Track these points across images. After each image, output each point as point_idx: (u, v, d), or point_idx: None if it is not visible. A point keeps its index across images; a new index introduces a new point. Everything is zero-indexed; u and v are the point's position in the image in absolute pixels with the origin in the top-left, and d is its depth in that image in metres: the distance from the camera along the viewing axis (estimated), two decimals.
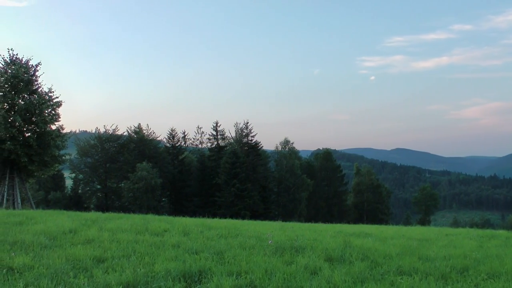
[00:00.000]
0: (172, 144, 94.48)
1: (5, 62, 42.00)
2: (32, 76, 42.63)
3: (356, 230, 21.59)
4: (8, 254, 10.91)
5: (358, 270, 10.08)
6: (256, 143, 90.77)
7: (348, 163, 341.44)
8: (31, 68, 42.88)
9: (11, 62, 42.00)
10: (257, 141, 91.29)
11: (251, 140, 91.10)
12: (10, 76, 41.00)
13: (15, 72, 41.08)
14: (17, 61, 42.28)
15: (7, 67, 41.77)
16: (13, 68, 41.40)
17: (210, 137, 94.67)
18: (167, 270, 9.51)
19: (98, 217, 21.57)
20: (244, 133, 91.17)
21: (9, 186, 42.39)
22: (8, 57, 42.33)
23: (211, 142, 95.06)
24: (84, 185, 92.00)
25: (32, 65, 43.13)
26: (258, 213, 75.26)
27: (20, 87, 41.36)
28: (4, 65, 41.91)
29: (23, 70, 41.52)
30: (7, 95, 40.87)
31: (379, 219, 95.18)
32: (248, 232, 17.06)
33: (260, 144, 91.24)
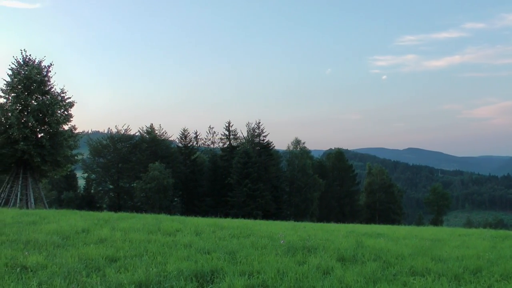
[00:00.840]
0: (184, 144, 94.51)
1: (18, 63, 42.22)
2: (45, 77, 42.82)
3: (368, 230, 21.54)
4: (22, 253, 10.99)
5: (370, 270, 10.05)
6: (268, 143, 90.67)
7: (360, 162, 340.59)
8: (44, 69, 43.08)
9: (24, 63, 42.24)
10: (269, 141, 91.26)
11: (263, 140, 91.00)
12: (23, 77, 41.22)
13: (28, 73, 41.29)
14: (30, 62, 42.50)
15: (20, 68, 41.99)
16: (26, 69, 41.62)
17: (222, 137, 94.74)
18: (179, 269, 9.53)
19: (111, 216, 21.66)
20: (256, 133, 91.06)
21: (22, 186, 42.60)
22: (21, 58, 42.56)
23: (223, 142, 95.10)
24: (96, 185, 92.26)
25: (45, 66, 43.36)
26: (270, 213, 75.15)
27: (33, 88, 41.57)
28: (17, 66, 42.13)
29: (36, 71, 41.71)
30: (20, 96, 41.10)
31: (392, 219, 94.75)
32: (260, 232, 17.06)
33: (272, 144, 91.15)
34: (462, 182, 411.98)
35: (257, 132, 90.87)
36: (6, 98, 41.93)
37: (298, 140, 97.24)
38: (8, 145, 40.52)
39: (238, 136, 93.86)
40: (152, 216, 23.91)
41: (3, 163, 42.05)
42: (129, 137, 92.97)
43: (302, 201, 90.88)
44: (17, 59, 42.47)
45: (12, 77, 41.73)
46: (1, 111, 40.81)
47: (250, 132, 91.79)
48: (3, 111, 40.77)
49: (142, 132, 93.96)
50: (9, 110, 40.53)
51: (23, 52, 42.86)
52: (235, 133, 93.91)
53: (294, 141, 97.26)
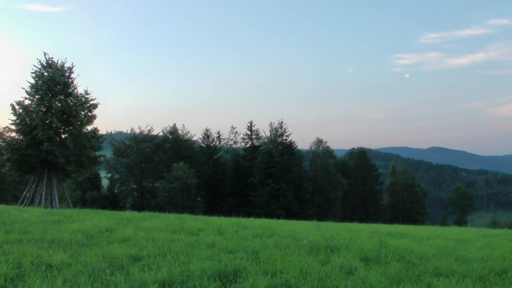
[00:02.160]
0: (207, 144, 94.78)
1: (42, 66, 42.61)
2: (68, 78, 43.16)
3: (392, 230, 21.41)
4: (47, 252, 11.07)
5: (394, 271, 9.97)
6: (291, 143, 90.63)
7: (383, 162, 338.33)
8: (67, 70, 43.42)
9: (47, 66, 42.61)
10: (292, 140, 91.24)
11: (285, 139, 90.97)
12: (47, 79, 41.59)
13: (51, 75, 41.66)
14: (53, 65, 42.88)
15: (44, 70, 42.38)
16: (49, 71, 41.99)
17: (245, 137, 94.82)
18: (202, 269, 9.53)
19: (134, 216, 21.80)
20: (278, 133, 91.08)
21: (47, 186, 42.96)
22: (44, 61, 42.96)
23: (245, 141, 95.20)
24: (120, 184, 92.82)
25: (68, 67, 43.68)
26: (293, 213, 75.08)
27: (56, 90, 41.94)
28: (41, 68, 42.53)
29: (59, 73, 42.06)
30: (44, 97, 41.47)
31: (415, 219, 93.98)
32: (283, 232, 17.05)
33: (294, 143, 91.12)
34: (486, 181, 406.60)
35: (280, 131, 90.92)
36: (30, 100, 42.35)
37: (320, 139, 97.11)
38: (33, 146, 40.94)
39: (260, 136, 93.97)
40: (175, 216, 24.00)
41: (28, 163, 42.48)
42: (152, 137, 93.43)
43: (325, 200, 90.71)
44: (41, 62, 42.89)
45: (36, 79, 42.12)
46: (26, 112, 41.22)
47: (272, 131, 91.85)
48: (28, 113, 41.17)
49: (165, 132, 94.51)
50: (34, 112, 40.91)
51: (47, 54, 43.31)
52: (257, 133, 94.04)
53: (316, 140, 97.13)
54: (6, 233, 13.88)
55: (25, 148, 41.09)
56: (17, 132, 42.14)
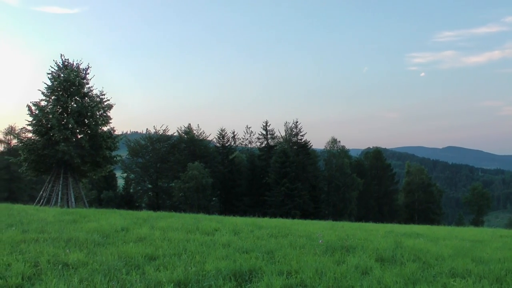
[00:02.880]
0: (222, 143, 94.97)
1: (58, 67, 42.88)
2: (83, 79, 43.40)
3: (407, 230, 21.33)
4: (63, 251, 11.17)
5: (409, 271, 9.92)
6: (306, 142, 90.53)
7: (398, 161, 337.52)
8: (82, 71, 43.66)
9: (63, 67, 42.87)
10: (307, 140, 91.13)
11: (300, 139, 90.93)
12: (63, 80, 41.84)
13: (67, 76, 41.90)
14: (69, 66, 43.13)
15: (60, 71, 42.64)
16: (65, 72, 42.23)
17: (260, 137, 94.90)
18: (217, 269, 9.54)
19: (150, 216, 21.86)
20: (293, 132, 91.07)
21: (63, 186, 43.22)
22: (60, 62, 43.23)
23: (260, 141, 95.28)
24: (135, 184, 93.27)
25: (83, 68, 43.93)
26: (308, 213, 75.03)
27: (72, 91, 42.18)
28: (57, 69, 42.79)
29: (75, 74, 42.29)
30: (60, 98, 41.73)
31: (431, 219, 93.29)
32: (298, 232, 17.04)
33: (309, 143, 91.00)
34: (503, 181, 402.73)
35: (295, 131, 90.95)
36: (47, 101, 42.61)
37: (335, 139, 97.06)
38: (49, 146, 41.21)
39: (275, 136, 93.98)
40: (190, 216, 24.05)
41: (44, 163, 42.76)
42: (167, 137, 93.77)
43: (340, 200, 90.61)
44: (57, 63, 43.17)
45: (53, 80, 42.40)
46: (42, 113, 41.49)
47: (287, 131, 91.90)
48: (44, 114, 41.45)
49: (180, 132, 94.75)
50: (50, 113, 41.19)
51: (63, 56, 43.60)
52: (273, 132, 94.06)
53: (331, 140, 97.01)
54: (23, 232, 13.99)
55: (42, 149, 41.38)
56: (34, 132, 42.45)
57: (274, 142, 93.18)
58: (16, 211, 20.94)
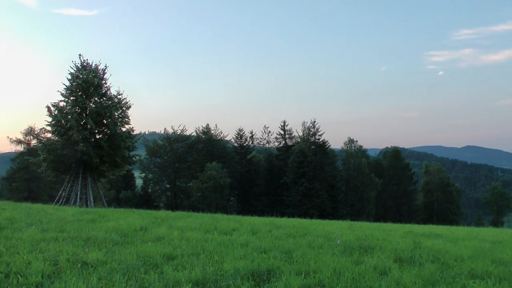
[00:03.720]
0: (240, 144, 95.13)
1: (77, 68, 43.09)
2: (101, 80, 43.54)
3: (426, 231, 21.18)
4: (82, 249, 11.24)
5: (428, 272, 9.83)
6: (324, 142, 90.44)
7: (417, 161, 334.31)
8: (100, 72, 43.82)
9: (82, 68, 43.07)
10: (324, 140, 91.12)
11: (318, 139, 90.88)
12: (81, 81, 42.04)
13: (85, 77, 42.11)
14: (87, 67, 43.32)
15: (79, 72, 42.85)
16: (83, 73, 42.43)
17: (278, 137, 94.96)
18: (236, 268, 9.54)
19: (168, 215, 21.92)
20: (311, 132, 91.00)
21: (82, 185, 43.43)
22: (79, 63, 43.44)
23: (278, 141, 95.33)
24: (153, 184, 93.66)
25: (101, 69, 44.07)
26: (326, 212, 74.93)
27: (90, 91, 42.37)
28: (76, 70, 43.00)
29: (93, 74, 42.47)
30: (79, 99, 41.91)
31: (450, 219, 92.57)
32: (316, 232, 16.99)
33: (327, 143, 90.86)
34: None
35: (313, 131, 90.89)
36: (66, 102, 42.82)
37: (352, 139, 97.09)
38: (69, 146, 41.43)
39: (293, 136, 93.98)
40: (208, 215, 24.08)
41: (64, 163, 42.98)
42: (185, 137, 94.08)
43: (358, 200, 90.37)
44: (76, 64, 43.37)
45: (71, 81, 42.57)
46: (61, 114, 41.71)
47: (305, 131, 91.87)
48: (63, 114, 41.67)
49: (198, 132, 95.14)
50: (69, 113, 41.40)
51: (81, 57, 43.80)
52: (290, 132, 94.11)
53: (348, 140, 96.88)
54: (43, 231, 14.08)
55: (61, 149, 41.62)
56: (53, 133, 42.70)
57: (292, 142, 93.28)
58: (36, 211, 21.08)
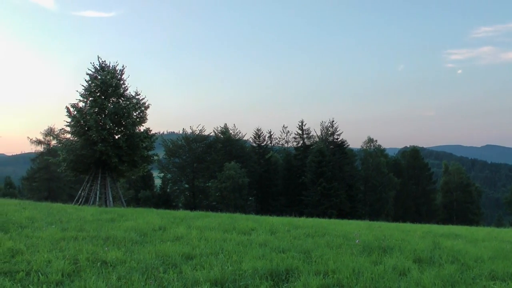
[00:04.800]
0: (258, 143, 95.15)
1: (95, 69, 43.38)
2: (119, 80, 43.78)
3: (446, 231, 21.04)
4: (101, 249, 11.32)
5: (448, 273, 9.77)
6: (342, 142, 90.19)
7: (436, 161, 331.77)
8: (118, 73, 44.07)
9: (100, 69, 43.35)
10: (343, 139, 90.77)
11: (336, 138, 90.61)
12: (100, 82, 42.32)
13: (104, 78, 42.37)
14: (105, 67, 43.59)
15: (97, 73, 43.13)
16: (102, 74, 42.70)
17: (296, 136, 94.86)
18: (254, 268, 9.55)
19: (186, 215, 21.96)
20: (329, 132, 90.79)
21: (101, 185, 43.68)
22: (97, 64, 43.73)
23: (296, 141, 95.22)
24: (172, 184, 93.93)
25: (119, 70, 44.32)
26: (344, 212, 74.63)
27: (109, 92, 42.64)
28: (94, 71, 43.29)
29: (111, 75, 42.72)
30: (97, 99, 42.17)
31: (469, 219, 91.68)
32: (335, 231, 16.95)
33: (346, 142, 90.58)
34: None
35: (331, 130, 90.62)
36: (84, 102, 43.12)
37: (371, 138, 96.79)
38: (88, 147, 41.68)
39: (311, 135, 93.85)
40: (227, 215, 24.07)
41: (83, 163, 43.25)
42: (204, 137, 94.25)
43: (377, 200, 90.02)
44: (94, 65, 43.66)
45: (90, 82, 42.86)
46: (80, 114, 41.97)
47: (323, 130, 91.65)
48: (82, 115, 41.93)
49: (217, 132, 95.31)
50: (88, 114, 41.63)
51: (100, 58, 44.09)
52: (309, 132, 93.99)
53: (367, 139, 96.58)
54: (63, 231, 14.19)
55: (80, 149, 41.89)
56: (72, 133, 43.01)
57: (310, 142, 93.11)
58: (56, 210, 21.23)
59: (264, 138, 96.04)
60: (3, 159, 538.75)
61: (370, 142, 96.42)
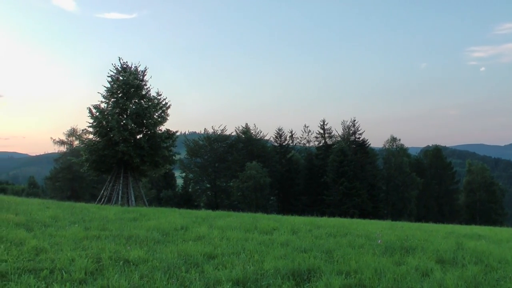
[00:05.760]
0: (280, 143, 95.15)
1: (117, 70, 43.66)
2: (141, 81, 44.02)
3: (469, 231, 20.88)
4: (124, 248, 11.43)
5: (471, 274, 9.68)
6: (364, 141, 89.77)
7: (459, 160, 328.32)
8: (140, 74, 44.32)
9: (122, 70, 43.61)
10: (365, 138, 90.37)
11: (358, 137, 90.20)
12: (122, 83, 42.59)
13: (125, 79, 42.63)
14: (127, 69, 43.86)
15: (119, 74, 43.41)
16: (124, 75, 42.97)
17: (317, 136, 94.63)
18: (276, 268, 9.56)
19: (208, 215, 22.05)
20: (351, 131, 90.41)
21: (123, 185, 43.90)
22: (119, 65, 44.00)
23: (318, 140, 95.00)
24: (194, 184, 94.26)
25: (141, 71, 44.58)
26: (366, 212, 74.26)
27: (131, 93, 42.88)
28: (116, 72, 43.58)
29: (133, 76, 42.97)
30: (119, 100, 42.43)
31: (493, 220, 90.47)
32: (357, 231, 16.91)
33: (367, 141, 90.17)
34: None
35: (353, 130, 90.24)
36: (106, 103, 43.41)
37: (394, 137, 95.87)
38: (110, 147, 41.91)
39: (333, 135, 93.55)
40: (248, 215, 24.12)
41: (105, 163, 43.52)
42: (225, 137, 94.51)
43: (399, 199, 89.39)
44: (116, 66, 43.94)
45: (112, 83, 43.17)
46: (103, 115, 42.24)
47: (345, 130, 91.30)
48: (104, 115, 42.20)
49: (238, 132, 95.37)
50: (110, 114, 41.88)
51: (121, 59, 44.36)
52: (330, 131, 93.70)
53: (390, 138, 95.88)
54: (86, 230, 14.32)
55: (102, 149, 42.14)
56: (94, 134, 43.31)
57: (332, 141, 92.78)
58: (79, 209, 21.40)
59: (285, 138, 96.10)
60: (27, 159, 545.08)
61: (392, 141, 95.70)
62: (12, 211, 18.00)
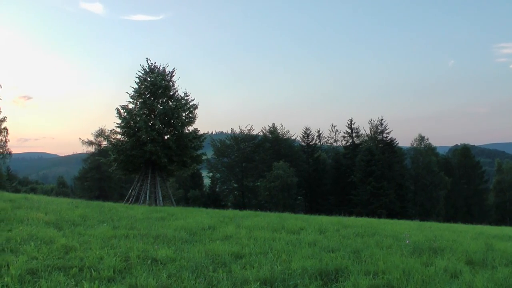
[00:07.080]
0: (307, 142, 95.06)
1: (145, 71, 43.98)
2: (169, 82, 44.27)
3: (499, 232, 20.63)
4: (152, 247, 11.53)
5: (502, 276, 9.50)
6: (391, 140, 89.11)
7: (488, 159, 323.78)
8: (168, 74, 44.58)
9: (150, 71, 43.93)
10: (392, 138, 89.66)
11: (386, 137, 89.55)
12: (149, 84, 42.88)
13: (153, 79, 42.91)
14: (155, 70, 44.16)
15: (147, 75, 43.71)
16: (151, 76, 43.25)
17: (345, 135, 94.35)
18: (303, 267, 9.55)
19: (235, 214, 22.11)
20: (379, 130, 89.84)
21: (151, 185, 44.15)
22: (147, 66, 44.33)
23: (345, 140, 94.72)
24: (221, 183, 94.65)
25: (169, 71, 44.83)
26: (394, 212, 73.84)
27: (158, 93, 43.14)
28: (144, 73, 43.89)
29: (161, 77, 43.23)
30: (147, 101, 42.74)
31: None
32: (385, 231, 16.82)
33: (395, 141, 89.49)
34: None
35: (380, 129, 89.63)
36: (134, 104, 43.75)
37: (422, 136, 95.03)
38: (138, 147, 42.18)
39: (360, 134, 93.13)
40: (276, 215, 24.13)
41: (133, 163, 43.82)
42: (252, 137, 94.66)
43: (428, 199, 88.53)
44: (144, 67, 44.27)
45: (139, 84, 43.49)
46: (131, 115, 42.56)
47: (372, 129, 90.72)
48: (132, 116, 42.50)
49: (265, 131, 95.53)
50: (138, 115, 42.17)
51: (149, 60, 44.67)
52: (358, 130, 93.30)
53: (418, 137, 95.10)
54: (114, 229, 14.47)
55: (130, 149, 42.43)
56: (122, 134, 43.66)
57: (359, 140, 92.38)
58: (107, 209, 21.58)
59: (312, 137, 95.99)
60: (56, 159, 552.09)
61: (420, 140, 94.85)
62: (42, 210, 18.23)
